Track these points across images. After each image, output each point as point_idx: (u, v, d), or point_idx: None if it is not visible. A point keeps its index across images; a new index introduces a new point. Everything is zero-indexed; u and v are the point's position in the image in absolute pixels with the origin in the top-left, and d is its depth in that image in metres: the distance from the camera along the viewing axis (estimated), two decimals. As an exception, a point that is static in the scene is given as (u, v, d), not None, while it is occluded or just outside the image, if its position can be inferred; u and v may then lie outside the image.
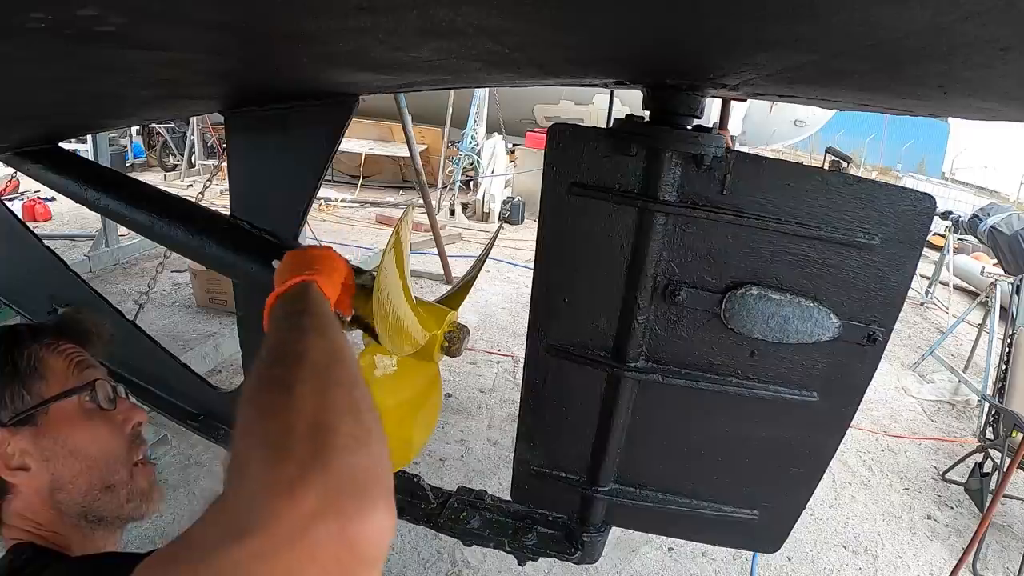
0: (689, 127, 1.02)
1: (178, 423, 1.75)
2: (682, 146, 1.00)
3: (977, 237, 6.20)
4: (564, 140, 1.06)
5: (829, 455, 1.25)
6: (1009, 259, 5.66)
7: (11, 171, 5.07)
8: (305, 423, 0.46)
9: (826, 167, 5.33)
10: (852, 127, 16.93)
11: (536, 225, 1.13)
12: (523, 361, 1.26)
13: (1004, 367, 3.66)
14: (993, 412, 3.53)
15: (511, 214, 8.65)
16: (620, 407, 1.20)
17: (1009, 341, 3.74)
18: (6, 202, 1.93)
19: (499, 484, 2.97)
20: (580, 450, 1.29)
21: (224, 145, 3.91)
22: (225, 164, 1.96)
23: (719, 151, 1.00)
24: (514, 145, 10.25)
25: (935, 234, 6.87)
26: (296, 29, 0.68)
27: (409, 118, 5.54)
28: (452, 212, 8.48)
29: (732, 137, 7.41)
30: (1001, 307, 4.52)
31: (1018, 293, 4.03)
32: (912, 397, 4.78)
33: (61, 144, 1.56)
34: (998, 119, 1.06)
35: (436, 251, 5.94)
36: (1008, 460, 2.97)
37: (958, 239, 6.96)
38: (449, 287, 1.51)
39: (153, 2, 0.53)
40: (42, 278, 1.76)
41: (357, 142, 9.42)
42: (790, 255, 1.05)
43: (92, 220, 6.20)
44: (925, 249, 1.29)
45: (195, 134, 9.56)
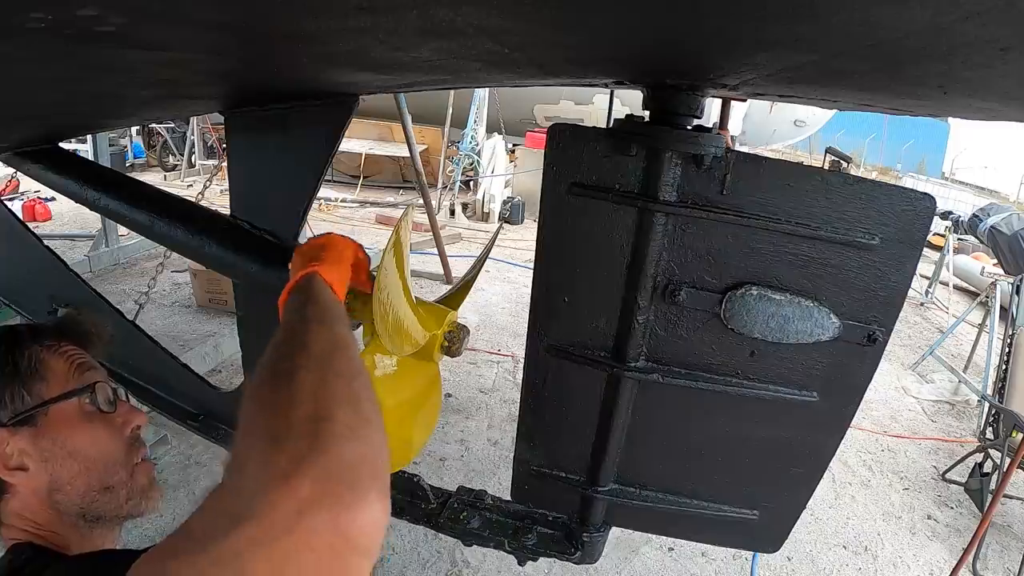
0: (689, 127, 1.02)
1: (178, 423, 1.75)
2: (682, 146, 1.00)
3: (977, 237, 6.20)
4: (564, 140, 1.06)
5: (829, 455, 1.25)
6: (1009, 259, 5.66)
7: (11, 171, 5.07)
8: (303, 414, 0.46)
9: (826, 167, 5.33)
10: (852, 127, 16.93)
11: (536, 225, 1.13)
12: (523, 361, 1.26)
13: (1004, 367, 3.66)
14: (993, 412, 3.53)
15: (511, 214, 8.65)
16: (620, 407, 1.20)
17: (1009, 341, 3.74)
18: (6, 202, 1.93)
19: (499, 484, 2.97)
20: (580, 450, 1.29)
21: (224, 145, 3.91)
22: (225, 164, 1.96)
23: (719, 151, 1.00)
24: (514, 145, 10.25)
25: (935, 234, 6.88)
26: (296, 29, 0.68)
27: (409, 118, 5.54)
28: (452, 212, 8.48)
29: (732, 137, 7.41)
30: (1001, 307, 4.52)
31: (1018, 293, 4.03)
32: (912, 397, 4.78)
33: (61, 144, 1.56)
34: (998, 119, 1.06)
35: (436, 251, 5.94)
36: (1008, 460, 2.97)
37: (958, 239, 6.96)
38: (449, 287, 1.51)
39: (153, 2, 0.53)
40: (42, 278, 1.76)
41: (357, 142, 9.42)
42: (790, 255, 1.05)
43: (92, 220, 6.20)
44: (925, 249, 1.29)
45: (195, 134, 9.56)
